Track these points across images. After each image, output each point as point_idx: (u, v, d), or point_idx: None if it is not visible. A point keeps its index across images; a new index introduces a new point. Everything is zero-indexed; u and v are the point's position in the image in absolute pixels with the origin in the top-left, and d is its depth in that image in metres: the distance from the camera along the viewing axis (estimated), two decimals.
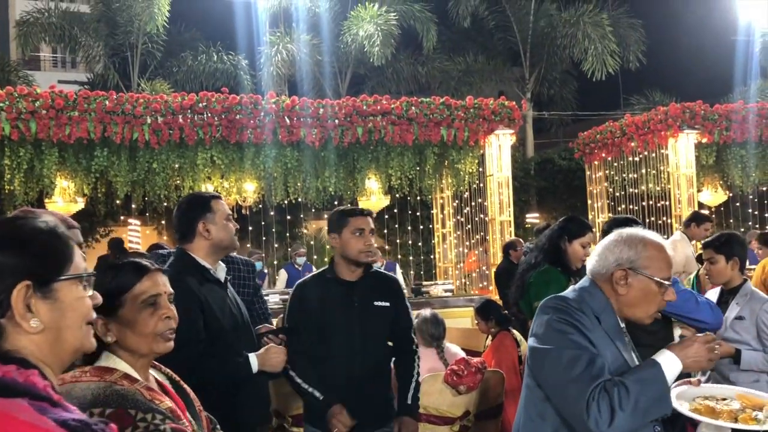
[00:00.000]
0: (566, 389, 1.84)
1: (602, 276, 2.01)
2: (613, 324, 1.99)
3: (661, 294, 1.98)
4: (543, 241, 3.48)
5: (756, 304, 3.45)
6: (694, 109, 9.88)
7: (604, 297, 2.00)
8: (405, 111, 8.71)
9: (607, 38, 16.12)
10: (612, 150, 11.27)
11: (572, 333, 1.89)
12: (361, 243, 2.91)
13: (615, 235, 2.06)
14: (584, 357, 1.85)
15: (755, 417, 1.98)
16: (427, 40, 15.71)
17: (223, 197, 2.86)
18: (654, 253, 1.99)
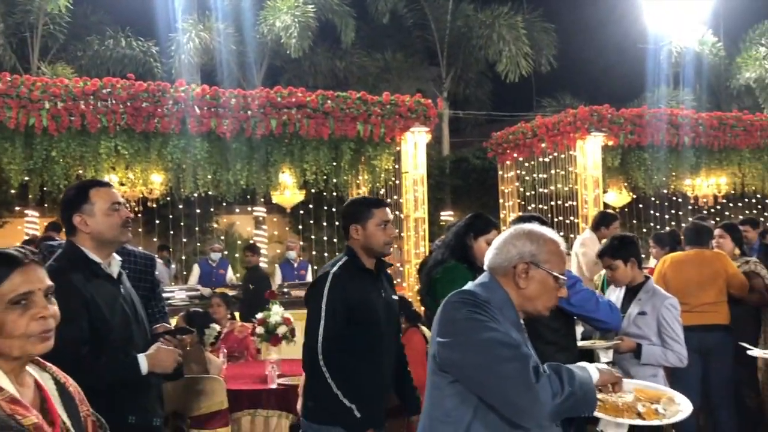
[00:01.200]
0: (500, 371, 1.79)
1: (503, 270, 2.02)
2: (514, 319, 1.99)
3: (557, 289, 2.02)
4: (449, 237, 3.47)
5: (658, 300, 3.59)
6: (602, 112, 10.22)
7: (504, 291, 2.01)
8: (321, 104, 8.58)
9: (521, 41, 16.52)
10: (523, 150, 11.52)
11: (489, 321, 1.87)
12: (386, 235, 2.92)
13: (515, 230, 2.08)
14: (510, 339, 1.85)
15: (656, 410, 1.99)
16: (346, 35, 15.60)
17: (113, 185, 2.67)
18: (553, 248, 2.04)
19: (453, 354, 1.89)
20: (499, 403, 1.83)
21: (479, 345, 1.83)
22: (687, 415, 1.97)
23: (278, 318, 4.73)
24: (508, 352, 1.81)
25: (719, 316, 4.84)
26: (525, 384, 1.76)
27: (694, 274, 4.90)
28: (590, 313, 3.10)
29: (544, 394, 1.76)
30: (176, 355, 2.47)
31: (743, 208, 13.01)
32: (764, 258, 6.18)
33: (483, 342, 1.82)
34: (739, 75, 18.10)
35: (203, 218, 11.76)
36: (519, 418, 1.83)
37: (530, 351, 1.93)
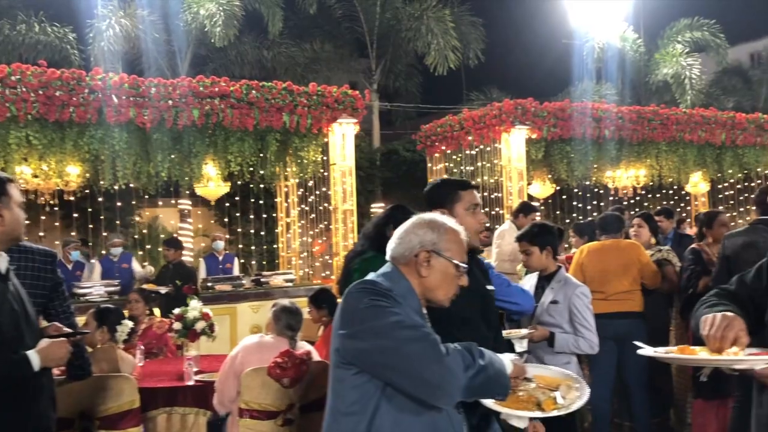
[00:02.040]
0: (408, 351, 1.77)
1: (405, 258, 2.01)
2: (417, 308, 1.98)
3: (458, 277, 2.03)
4: (369, 228, 3.43)
5: (570, 289, 3.66)
6: (526, 106, 10.42)
7: (406, 281, 2.00)
8: (245, 94, 8.41)
9: (449, 34, 16.63)
10: (451, 143, 11.64)
11: (391, 307, 1.85)
12: (476, 221, 2.58)
13: (416, 219, 2.08)
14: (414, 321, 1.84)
15: (555, 399, 2.01)
16: (273, 25, 15.32)
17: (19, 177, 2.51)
18: (454, 237, 2.04)
19: (358, 343, 1.86)
20: (410, 384, 1.81)
21: (384, 330, 1.81)
22: (584, 401, 1.99)
23: (196, 313, 4.60)
24: (413, 333, 1.80)
25: (633, 304, 5.00)
26: (435, 359, 1.75)
27: (610, 263, 5.04)
28: (503, 296, 3.13)
29: (455, 366, 1.76)
30: (68, 347, 2.38)
31: (661, 198, 13.54)
32: (677, 246, 6.43)
33: (387, 326, 1.81)
34: (658, 71, 18.80)
35: (125, 211, 11.35)
36: (432, 396, 1.81)
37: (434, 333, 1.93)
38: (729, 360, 1.53)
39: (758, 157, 12.53)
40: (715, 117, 12.21)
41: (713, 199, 13.48)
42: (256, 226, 11.41)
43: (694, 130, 11.84)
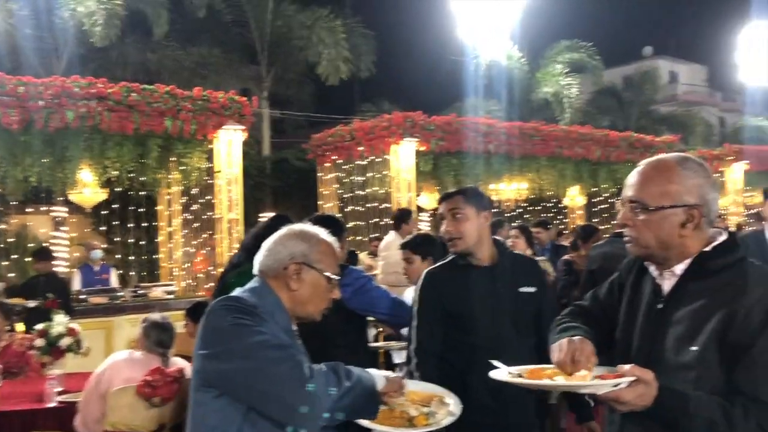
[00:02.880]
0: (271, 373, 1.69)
1: (273, 271, 1.93)
2: (285, 325, 1.91)
3: (330, 290, 1.97)
4: (248, 239, 3.31)
5: None
6: (415, 119, 10.59)
7: (275, 296, 1.91)
8: (124, 97, 8.00)
9: (341, 45, 16.68)
10: (342, 153, 11.63)
11: (256, 325, 1.76)
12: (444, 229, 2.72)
13: (287, 230, 2.00)
14: (280, 341, 1.76)
15: (427, 414, 1.98)
16: (158, 26, 14.75)
17: None
18: (326, 248, 1.98)
19: (219, 365, 1.75)
20: (273, 407, 1.73)
21: (247, 350, 1.72)
22: (457, 416, 1.98)
23: (61, 329, 4.28)
24: (278, 354, 1.72)
25: None
26: (299, 381, 1.69)
27: None
28: (381, 311, 3.10)
29: (319, 389, 1.70)
30: None
31: (541, 211, 14.13)
32: (555, 257, 6.70)
33: (251, 346, 1.72)
34: (539, 89, 19.71)
35: None
36: (295, 420, 1.75)
37: (302, 354, 1.86)
38: (573, 385, 1.54)
39: (629, 173, 13.28)
40: (591, 134, 12.92)
41: (589, 212, 14.23)
42: (136, 235, 10.87)
43: (572, 147, 12.46)
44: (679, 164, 1.69)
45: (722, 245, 1.68)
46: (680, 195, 1.66)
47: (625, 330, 1.82)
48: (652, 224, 1.67)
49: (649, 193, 1.68)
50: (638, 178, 1.73)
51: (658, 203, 1.67)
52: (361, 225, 11.24)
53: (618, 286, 1.93)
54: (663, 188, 1.67)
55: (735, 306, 1.58)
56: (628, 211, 1.72)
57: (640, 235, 1.70)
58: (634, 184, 1.73)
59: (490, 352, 2.40)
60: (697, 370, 1.59)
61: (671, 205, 1.66)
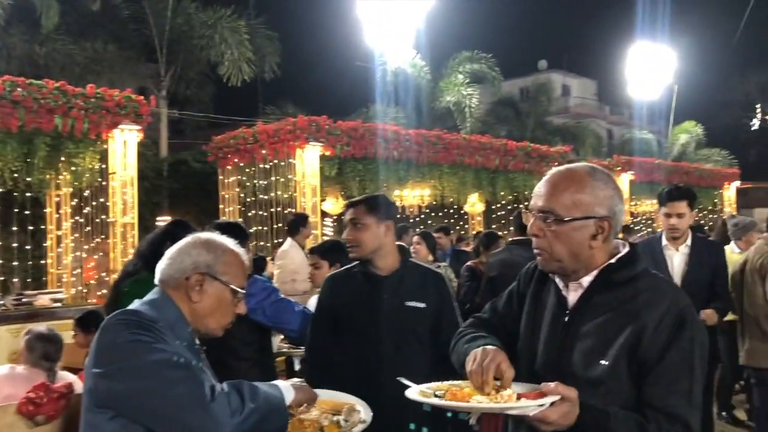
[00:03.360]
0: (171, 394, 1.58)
1: (174, 281, 1.81)
2: (187, 339, 1.79)
3: (234, 304, 1.87)
4: (144, 245, 3.14)
5: None
6: (320, 123, 10.52)
7: (176, 308, 1.80)
8: (8, 92, 7.48)
9: (244, 46, 16.35)
10: (245, 156, 11.38)
11: (155, 342, 1.64)
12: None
13: (192, 238, 1.89)
14: (181, 360, 1.64)
15: (338, 422, 1.94)
16: (47, 18, 13.90)
17: None
18: (233, 259, 1.88)
19: (115, 384, 1.62)
20: (173, 431, 1.62)
21: (145, 369, 1.60)
22: (368, 423, 1.95)
23: None
24: (178, 373, 1.61)
25: None
26: (199, 404, 1.59)
27: None
28: (286, 324, 3.01)
29: (221, 412, 1.60)
30: None
31: (443, 217, 14.38)
32: (455, 262, 6.81)
33: (149, 365, 1.60)
34: (442, 98, 20.11)
35: None
36: None
37: (206, 372, 1.76)
38: (502, 407, 1.48)
39: (526, 181, 13.84)
40: (490, 143, 13.30)
41: (488, 219, 14.62)
42: (20, 239, 10.16)
43: (472, 155, 12.77)
44: (590, 175, 1.68)
45: (626, 257, 1.70)
46: (592, 206, 1.65)
47: (529, 342, 1.79)
48: (564, 236, 1.65)
49: (561, 204, 1.65)
50: (549, 187, 1.70)
51: (570, 214, 1.64)
52: (264, 230, 11.03)
53: (517, 296, 1.92)
54: (575, 199, 1.65)
55: (644, 320, 1.59)
56: (538, 221, 1.68)
57: (552, 247, 1.67)
58: (544, 194, 1.69)
59: (371, 366, 2.44)
60: (606, 384, 1.59)
61: (583, 217, 1.65)
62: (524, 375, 1.73)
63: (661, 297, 1.62)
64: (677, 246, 4.27)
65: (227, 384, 1.70)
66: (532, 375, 1.72)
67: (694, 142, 26.51)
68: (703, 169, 19.48)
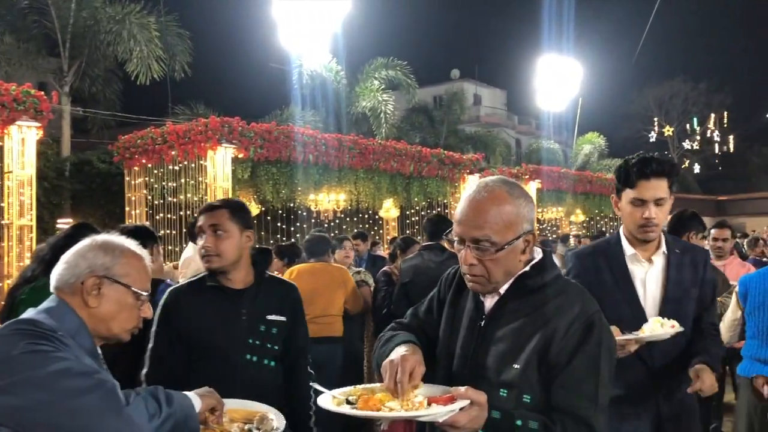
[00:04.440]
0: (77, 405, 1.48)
1: (70, 287, 1.71)
2: (89, 349, 1.69)
3: (138, 307, 1.78)
4: (44, 249, 2.94)
5: None
6: (233, 124, 10.29)
7: (75, 316, 1.69)
8: None
9: (154, 43, 15.80)
10: (153, 157, 10.99)
11: (55, 351, 1.53)
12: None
13: (89, 241, 1.78)
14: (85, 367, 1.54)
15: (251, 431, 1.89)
16: None
17: None
18: (133, 261, 1.79)
19: (11, 399, 1.48)
20: None
21: (46, 381, 1.48)
22: (282, 430, 1.90)
23: None
24: (84, 382, 1.51)
25: (334, 329, 5.09)
26: (113, 410, 1.50)
27: (318, 286, 5.06)
28: None
29: (138, 416, 1.53)
30: None
31: (358, 222, 14.39)
32: (372, 267, 6.80)
33: (50, 376, 1.48)
34: (358, 103, 20.15)
35: None
36: None
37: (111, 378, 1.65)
38: (411, 415, 1.48)
39: (439, 188, 14.07)
40: (405, 150, 13.42)
41: (402, 224, 14.75)
42: None
43: (387, 161, 12.85)
44: (510, 193, 1.68)
45: (539, 264, 1.73)
46: (520, 225, 1.67)
47: (447, 346, 1.81)
48: (501, 260, 1.67)
49: (495, 230, 1.65)
50: (478, 215, 1.66)
51: (505, 239, 1.65)
52: (173, 234, 10.68)
53: (437, 302, 1.93)
54: (506, 221, 1.66)
55: (555, 324, 1.63)
56: (474, 251, 1.67)
57: (490, 273, 1.68)
58: (475, 223, 1.66)
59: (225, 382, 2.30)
60: (518, 387, 1.62)
61: (515, 237, 1.67)
62: (441, 378, 1.75)
63: (571, 303, 1.67)
64: (648, 254, 2.65)
65: (142, 389, 1.63)
66: (449, 378, 1.74)
67: (597, 152, 27.75)
68: (605, 179, 20.42)
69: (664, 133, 42.45)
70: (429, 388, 1.61)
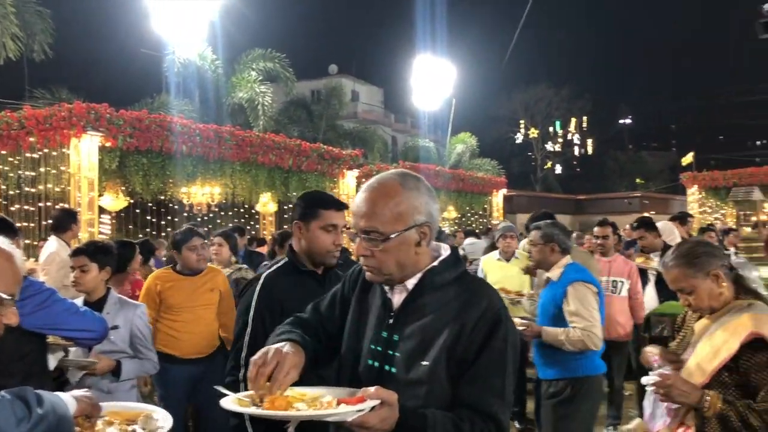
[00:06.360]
0: None
1: None
2: None
3: (2, 313, 1.59)
4: None
5: (129, 311, 3.41)
6: (100, 111, 9.70)
7: None
8: None
9: (9, 19, 14.58)
10: (8, 143, 10.14)
11: None
12: (330, 241, 2.55)
13: None
14: None
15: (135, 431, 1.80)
16: None
17: None
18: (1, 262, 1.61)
19: None
20: None
21: None
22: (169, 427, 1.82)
23: None
24: None
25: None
26: None
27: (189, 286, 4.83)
28: (66, 327, 2.66)
29: (4, 421, 1.42)
30: None
31: (233, 216, 14.04)
32: (249, 263, 6.65)
33: None
34: (234, 93, 19.64)
35: None
36: None
37: None
38: (319, 414, 1.44)
39: (319, 182, 14.01)
40: (284, 143, 13.25)
41: (280, 219, 14.55)
42: None
43: (266, 154, 12.62)
44: (402, 185, 1.68)
45: (447, 259, 1.73)
46: (411, 216, 1.66)
47: (353, 345, 1.78)
48: (392, 251, 1.65)
49: (383, 221, 1.65)
50: (367, 205, 1.67)
51: (394, 229, 1.65)
52: (31, 227, 9.90)
53: (341, 299, 1.90)
54: (394, 213, 1.65)
55: (463, 320, 1.63)
56: (364, 242, 1.67)
57: (382, 264, 1.67)
58: (365, 214, 1.67)
59: None
60: (427, 385, 1.61)
61: (406, 228, 1.66)
62: (347, 379, 1.71)
63: (479, 298, 1.68)
64: None
65: (6, 391, 1.49)
66: (355, 379, 1.70)
67: (469, 151, 28.72)
68: (476, 177, 21.21)
69: (530, 135, 44.81)
70: (336, 390, 1.58)
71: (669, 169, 46.82)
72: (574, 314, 3.59)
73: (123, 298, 3.53)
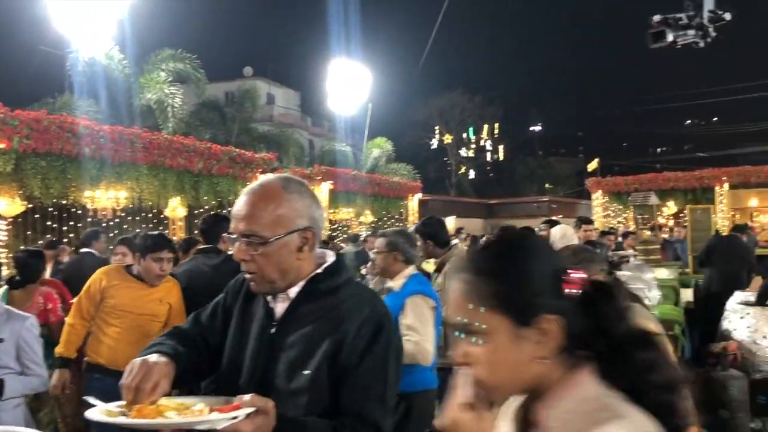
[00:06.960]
0: None
1: None
2: None
3: None
4: None
5: (16, 323, 3.22)
6: None
7: None
8: None
9: None
10: None
11: None
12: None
13: None
14: None
15: None
16: None
17: None
18: None
19: None
20: None
21: None
22: None
23: None
24: None
25: None
26: None
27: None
28: None
29: None
30: None
31: (140, 221, 13.54)
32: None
33: None
34: (142, 95, 19.01)
35: None
36: None
37: None
38: (188, 422, 1.39)
39: (230, 186, 13.73)
40: (194, 146, 12.92)
41: (190, 224, 14.16)
42: None
43: (174, 157, 12.27)
44: (284, 188, 1.66)
45: (331, 267, 1.72)
46: (293, 220, 1.64)
47: (234, 356, 1.74)
48: (272, 256, 1.62)
49: (262, 224, 1.62)
50: (247, 209, 1.64)
51: (274, 233, 1.62)
52: None
53: (223, 310, 1.84)
54: (274, 216, 1.62)
55: (345, 327, 1.61)
56: (243, 245, 1.63)
57: (263, 271, 1.63)
58: (244, 217, 1.63)
59: None
60: (308, 394, 1.58)
61: (286, 233, 1.63)
62: (228, 390, 1.66)
63: (361, 305, 1.67)
64: None
65: None
66: (236, 390, 1.64)
67: (385, 156, 28.93)
68: (392, 182, 21.39)
69: (444, 141, 45.66)
70: (212, 399, 1.54)
71: (576, 175, 48.76)
72: (409, 328, 3.49)
73: (11, 309, 3.33)
